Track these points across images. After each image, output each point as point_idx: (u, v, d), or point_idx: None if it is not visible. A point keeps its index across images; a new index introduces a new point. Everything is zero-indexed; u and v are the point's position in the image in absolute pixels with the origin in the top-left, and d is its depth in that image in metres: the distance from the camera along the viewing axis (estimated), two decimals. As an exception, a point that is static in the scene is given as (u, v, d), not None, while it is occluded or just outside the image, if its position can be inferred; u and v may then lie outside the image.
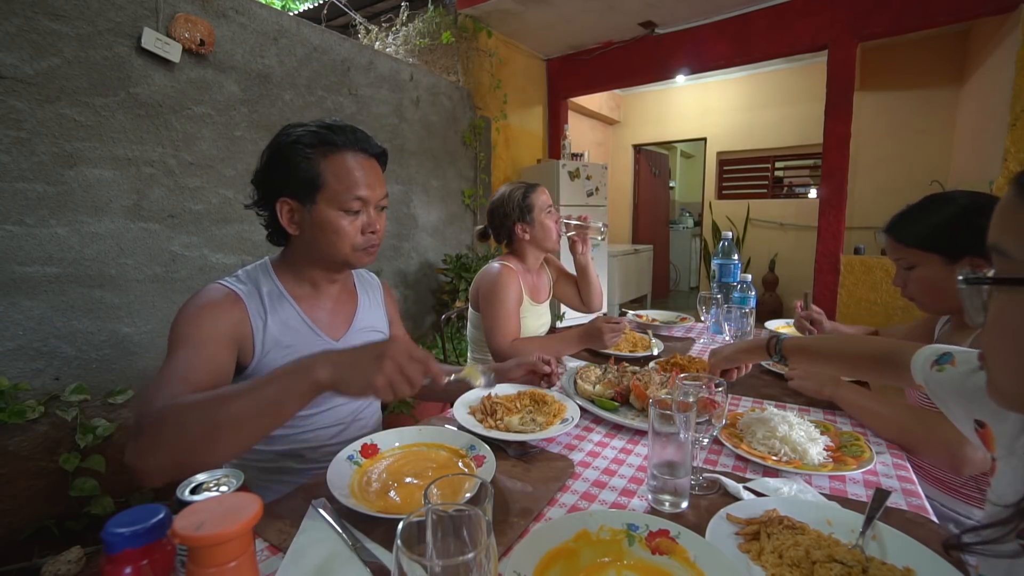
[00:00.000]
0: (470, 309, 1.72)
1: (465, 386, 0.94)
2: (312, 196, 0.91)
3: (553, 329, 1.87)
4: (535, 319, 1.72)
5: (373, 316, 1.13)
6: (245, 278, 0.95)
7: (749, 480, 0.81)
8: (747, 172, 5.96)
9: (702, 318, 1.83)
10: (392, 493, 0.74)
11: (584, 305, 1.85)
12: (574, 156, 4.46)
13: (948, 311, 1.14)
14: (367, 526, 0.67)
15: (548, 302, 1.83)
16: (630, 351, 1.54)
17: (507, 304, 1.52)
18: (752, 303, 1.71)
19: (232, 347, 0.87)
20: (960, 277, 0.47)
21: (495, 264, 1.62)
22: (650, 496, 0.75)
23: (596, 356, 1.52)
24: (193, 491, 0.55)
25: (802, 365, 0.99)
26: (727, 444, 0.91)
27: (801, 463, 0.85)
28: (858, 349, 0.89)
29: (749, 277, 1.76)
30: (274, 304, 0.95)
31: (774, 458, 0.86)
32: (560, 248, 1.77)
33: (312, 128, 0.92)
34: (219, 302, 0.88)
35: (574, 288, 1.85)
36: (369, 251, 0.98)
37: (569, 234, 1.72)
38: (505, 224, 1.66)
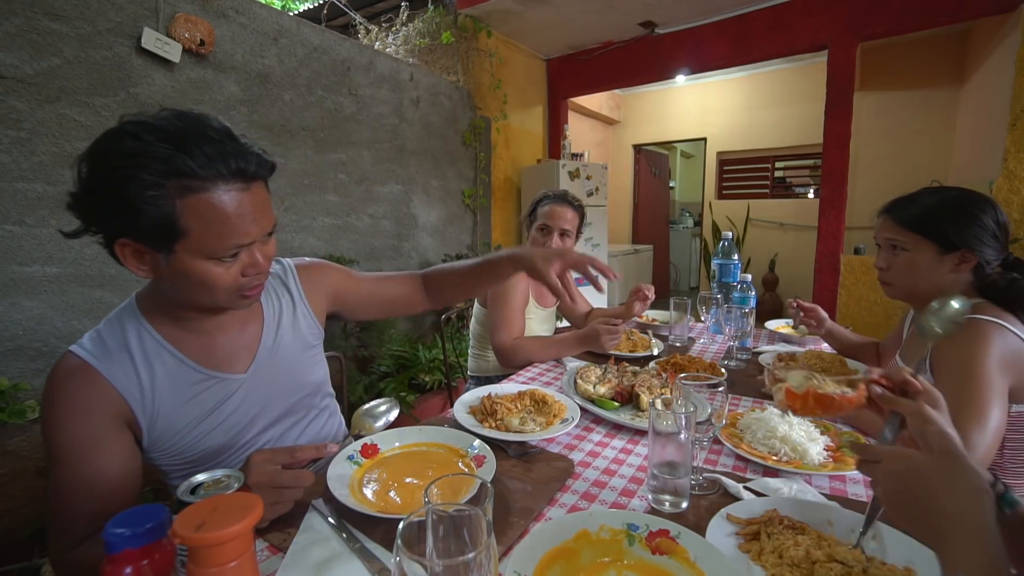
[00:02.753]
0: (476, 305, 1.76)
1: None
2: (168, 245, 0.66)
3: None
4: (539, 323, 1.75)
5: (294, 326, 0.92)
6: (107, 331, 0.77)
7: (749, 480, 0.81)
8: (747, 172, 5.95)
9: (702, 318, 1.83)
10: (392, 493, 0.75)
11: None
12: (574, 156, 4.46)
13: (915, 299, 1.11)
14: (367, 526, 0.67)
15: (554, 309, 1.84)
16: (630, 351, 1.54)
17: (514, 303, 1.55)
18: (752, 303, 1.71)
19: (118, 426, 0.74)
20: None
21: None
22: (650, 496, 0.75)
23: (596, 356, 1.51)
24: (193, 491, 0.55)
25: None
26: (727, 444, 0.91)
27: (801, 463, 0.85)
28: None
29: (749, 277, 1.76)
30: (148, 356, 0.76)
31: (774, 458, 0.86)
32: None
33: (158, 150, 0.62)
34: (75, 388, 0.71)
35: (570, 310, 1.91)
36: (249, 295, 0.76)
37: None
38: (526, 217, 1.73)
